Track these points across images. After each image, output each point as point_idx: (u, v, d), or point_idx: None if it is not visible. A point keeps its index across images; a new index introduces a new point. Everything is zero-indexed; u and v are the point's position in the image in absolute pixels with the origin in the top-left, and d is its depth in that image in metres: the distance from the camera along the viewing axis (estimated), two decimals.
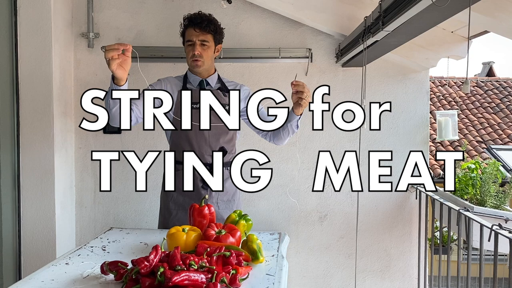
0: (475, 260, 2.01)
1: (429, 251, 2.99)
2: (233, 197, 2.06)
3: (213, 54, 2.00)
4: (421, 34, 1.83)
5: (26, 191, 2.60)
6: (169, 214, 1.99)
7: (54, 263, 1.38)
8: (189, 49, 1.96)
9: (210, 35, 1.95)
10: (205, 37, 1.94)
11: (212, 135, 1.95)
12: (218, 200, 2.00)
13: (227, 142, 2.00)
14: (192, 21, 1.94)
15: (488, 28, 1.75)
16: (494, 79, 10.75)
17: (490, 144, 8.16)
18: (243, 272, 1.22)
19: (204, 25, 1.93)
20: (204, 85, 2.00)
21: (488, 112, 9.31)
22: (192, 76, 2.02)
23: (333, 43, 2.79)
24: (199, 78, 2.00)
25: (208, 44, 1.95)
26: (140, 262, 1.14)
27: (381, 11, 1.70)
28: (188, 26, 1.96)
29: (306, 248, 2.85)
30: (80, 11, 2.82)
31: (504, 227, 1.77)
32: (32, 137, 2.59)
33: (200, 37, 1.93)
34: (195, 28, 1.93)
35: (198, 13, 1.98)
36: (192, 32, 1.94)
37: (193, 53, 1.93)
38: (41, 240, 2.62)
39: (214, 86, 2.02)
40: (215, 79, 2.04)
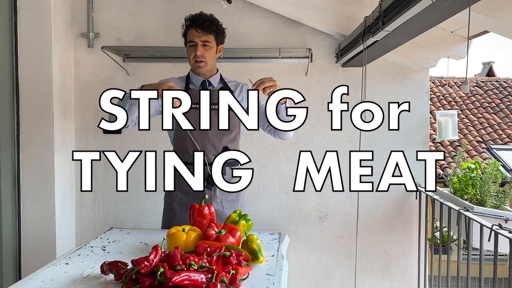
0: (475, 260, 2.01)
1: (429, 251, 2.99)
2: (237, 197, 2.06)
3: (215, 54, 2.00)
4: (421, 34, 1.83)
5: (26, 191, 2.60)
6: (173, 214, 1.99)
7: (54, 263, 1.38)
8: (191, 49, 1.96)
9: (212, 35, 1.95)
10: (207, 37, 1.94)
11: (215, 135, 1.95)
12: (223, 199, 2.00)
13: (231, 141, 2.00)
14: (193, 22, 1.94)
15: (488, 28, 1.74)
16: (494, 79, 10.75)
17: (490, 144, 8.16)
18: (243, 272, 1.22)
19: (206, 26, 1.92)
20: (207, 85, 2.01)
21: (488, 112, 9.30)
22: (195, 76, 2.02)
23: (333, 43, 2.79)
24: (201, 78, 2.01)
25: (210, 45, 1.95)
26: (140, 262, 1.14)
27: (381, 11, 1.70)
28: (190, 26, 1.95)
29: (306, 248, 2.85)
30: (80, 11, 2.82)
31: (504, 227, 1.77)
32: (32, 137, 2.59)
33: (202, 37, 1.93)
34: (197, 28, 1.93)
35: (200, 14, 1.97)
36: (194, 33, 1.93)
37: (195, 54, 1.93)
38: (41, 240, 2.62)
39: (216, 86, 2.03)
40: (217, 79, 2.04)
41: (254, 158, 2.81)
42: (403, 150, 2.79)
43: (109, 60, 2.75)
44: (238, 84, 2.08)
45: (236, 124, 1.99)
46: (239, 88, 2.07)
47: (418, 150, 2.79)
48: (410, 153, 2.79)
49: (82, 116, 2.86)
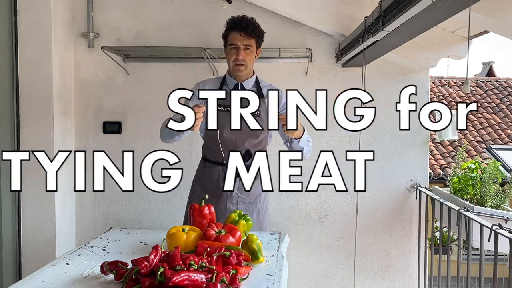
0: (475, 260, 2.01)
1: (429, 251, 2.99)
2: (256, 200, 2.06)
3: (254, 58, 2.02)
4: (421, 34, 1.83)
5: (26, 191, 2.60)
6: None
7: (54, 263, 1.38)
8: (232, 52, 1.96)
9: (254, 39, 1.97)
10: (250, 41, 1.95)
11: (238, 138, 1.97)
12: (239, 201, 2.01)
13: (255, 145, 2.00)
14: (237, 25, 1.94)
15: (488, 28, 1.74)
16: (494, 79, 10.75)
17: (490, 144, 8.16)
18: (243, 272, 1.22)
19: (250, 30, 1.93)
20: (239, 89, 2.03)
21: (488, 112, 9.30)
22: (230, 79, 2.04)
23: (333, 43, 2.79)
24: (235, 81, 2.03)
25: (252, 49, 1.97)
26: (140, 262, 1.14)
27: (381, 11, 1.70)
28: (232, 29, 1.95)
29: (306, 248, 2.85)
30: (80, 11, 2.82)
31: (504, 227, 1.77)
32: (32, 137, 2.59)
33: (244, 41, 1.94)
34: (241, 32, 1.93)
35: (243, 17, 1.98)
36: (236, 36, 1.94)
37: (237, 57, 1.94)
38: (41, 240, 2.62)
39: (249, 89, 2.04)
40: (251, 83, 2.06)
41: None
42: (403, 150, 2.80)
43: (109, 60, 2.75)
44: (273, 88, 2.08)
45: (262, 130, 1.99)
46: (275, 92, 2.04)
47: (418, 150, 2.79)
48: (410, 153, 2.80)
49: (82, 116, 2.86)
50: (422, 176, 2.81)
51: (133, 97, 2.86)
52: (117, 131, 2.84)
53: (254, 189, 2.03)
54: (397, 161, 2.80)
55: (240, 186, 2.00)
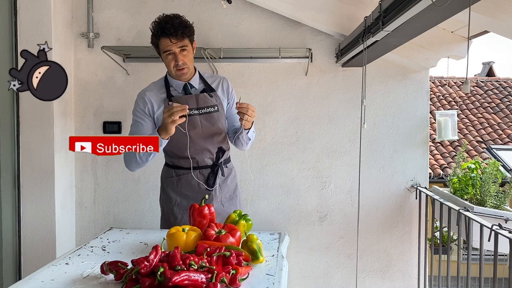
0: (475, 260, 2.01)
1: (429, 251, 2.99)
2: (234, 193, 2.08)
3: (193, 55, 1.93)
4: (421, 34, 1.83)
5: (26, 191, 2.60)
6: (175, 218, 1.98)
7: (54, 263, 1.38)
8: (169, 58, 1.86)
9: (187, 39, 1.86)
10: (183, 42, 1.84)
11: (207, 139, 1.94)
12: (222, 198, 2.01)
13: (222, 141, 2.00)
14: (165, 32, 1.82)
15: (488, 28, 1.74)
16: (494, 79, 10.75)
17: (490, 144, 8.16)
18: (243, 272, 1.22)
19: (180, 33, 1.82)
20: (189, 89, 1.94)
21: (488, 112, 9.30)
22: (174, 81, 1.94)
23: (333, 43, 2.79)
24: (182, 82, 1.93)
25: (188, 48, 1.87)
26: (140, 262, 1.14)
27: (381, 11, 1.70)
28: (161, 36, 1.84)
29: (306, 248, 2.85)
30: (80, 11, 2.82)
31: (504, 227, 1.77)
32: (32, 137, 2.59)
33: (178, 45, 1.83)
34: (171, 38, 1.82)
35: (168, 21, 1.84)
36: (168, 43, 1.83)
37: (176, 63, 1.85)
38: (41, 240, 2.61)
39: (198, 87, 1.97)
40: (197, 80, 1.98)
41: (254, 158, 2.81)
42: (403, 150, 2.80)
43: (109, 60, 2.75)
44: (217, 79, 2.04)
45: (224, 124, 1.99)
46: (220, 83, 2.02)
47: (418, 150, 2.80)
48: (410, 153, 2.80)
49: (82, 116, 2.86)
50: (422, 176, 2.80)
51: (133, 97, 2.83)
52: (117, 131, 2.84)
53: (230, 183, 2.05)
54: (397, 161, 2.80)
55: (220, 183, 1.99)
